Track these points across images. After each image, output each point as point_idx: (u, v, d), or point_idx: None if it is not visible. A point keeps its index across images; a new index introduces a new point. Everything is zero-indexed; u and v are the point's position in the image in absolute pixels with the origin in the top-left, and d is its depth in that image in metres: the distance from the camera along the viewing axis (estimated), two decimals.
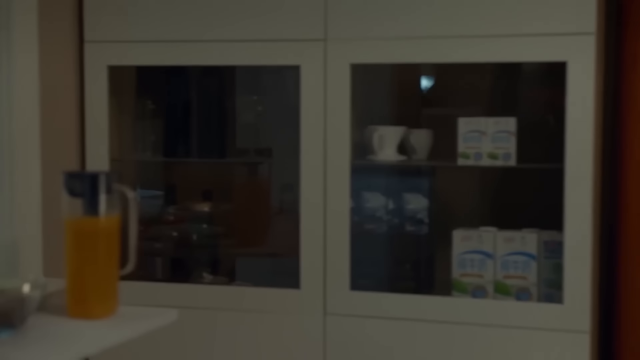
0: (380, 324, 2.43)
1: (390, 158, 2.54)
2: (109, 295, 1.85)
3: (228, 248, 2.80)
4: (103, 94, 2.54)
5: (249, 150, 2.75)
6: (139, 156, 2.73)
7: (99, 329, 1.73)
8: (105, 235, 1.84)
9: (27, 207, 2.17)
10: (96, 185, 1.83)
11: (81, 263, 1.83)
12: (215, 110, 2.73)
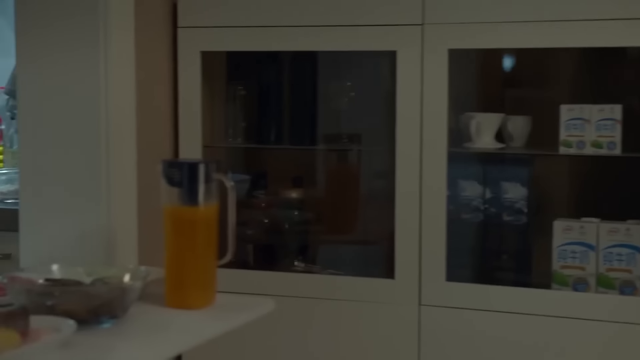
0: (477, 316, 2.38)
1: (488, 146, 2.48)
2: (207, 285, 1.84)
3: (318, 235, 2.78)
4: (196, 80, 2.53)
5: (339, 136, 2.72)
6: (230, 142, 2.72)
7: (200, 320, 1.71)
8: (204, 224, 1.82)
9: (123, 194, 2.17)
10: (195, 174, 1.82)
11: (180, 252, 1.82)
12: (306, 95, 2.71)
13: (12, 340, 1.39)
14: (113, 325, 1.64)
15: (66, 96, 2.08)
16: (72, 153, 2.09)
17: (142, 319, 1.70)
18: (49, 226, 2.13)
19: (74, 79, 2.08)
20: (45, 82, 2.09)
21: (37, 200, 2.13)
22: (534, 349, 2.33)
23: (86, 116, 2.08)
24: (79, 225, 2.10)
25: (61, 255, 2.11)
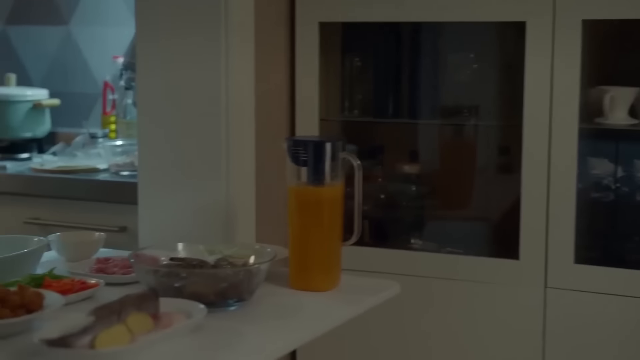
0: (606, 300, 2.28)
1: (621, 121, 2.36)
2: (332, 267, 1.80)
3: (435, 211, 2.71)
4: (314, 52, 2.48)
5: (459, 109, 2.63)
6: (345, 116, 2.67)
7: (328, 305, 1.68)
8: (330, 204, 1.78)
9: (242, 169, 2.15)
10: (321, 153, 1.77)
11: (305, 233, 1.78)
12: (424, 68, 2.63)
13: (146, 324, 1.38)
14: (239, 308, 1.62)
15: (186, 70, 2.06)
16: (192, 127, 2.07)
17: (267, 301, 1.67)
18: (167, 200, 2.12)
19: (194, 51, 2.05)
20: (165, 56, 2.07)
21: (155, 174, 2.12)
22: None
23: (206, 89, 2.05)
24: (198, 200, 2.09)
25: (179, 230, 2.10)
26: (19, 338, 1.42)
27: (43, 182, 2.71)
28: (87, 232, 2.10)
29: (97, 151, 2.92)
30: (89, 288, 1.67)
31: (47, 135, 3.21)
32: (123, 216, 2.60)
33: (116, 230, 2.58)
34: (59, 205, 2.69)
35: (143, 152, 2.13)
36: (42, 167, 2.77)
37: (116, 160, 2.73)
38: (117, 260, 1.90)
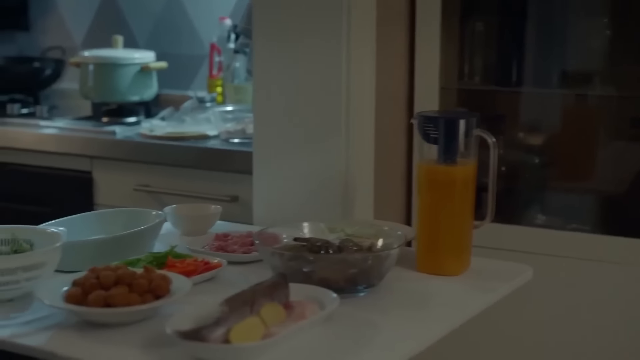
0: None
1: None
2: (463, 250, 1.72)
3: (560, 186, 2.59)
4: (435, 16, 2.37)
5: (587, 78, 2.50)
6: (465, 84, 2.56)
7: (462, 291, 1.60)
8: (462, 184, 1.70)
9: (361, 141, 2.08)
10: (454, 130, 1.69)
11: (435, 214, 1.71)
12: (551, 33, 2.49)
13: (279, 315, 1.33)
14: (368, 294, 1.56)
15: (305, 36, 1.99)
16: (310, 95, 2.01)
17: (397, 287, 1.61)
18: (282, 171, 2.07)
19: (314, 18, 1.98)
20: (283, 18, 2.01)
21: (271, 143, 2.07)
22: None
23: (326, 56, 1.98)
24: (315, 171, 2.03)
25: (294, 201, 2.05)
26: (146, 324, 1.39)
27: (152, 149, 2.69)
28: (203, 205, 2.07)
29: (205, 116, 2.88)
30: (212, 269, 1.63)
31: (154, 98, 3.19)
32: (234, 185, 2.56)
33: (227, 200, 2.55)
34: (168, 173, 2.67)
35: (259, 120, 2.08)
36: (151, 132, 2.74)
37: (226, 127, 2.68)
38: (236, 237, 1.86)
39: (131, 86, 3.03)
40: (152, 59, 3.10)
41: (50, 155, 2.87)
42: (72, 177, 2.83)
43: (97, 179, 2.79)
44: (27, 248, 1.61)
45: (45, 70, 3.33)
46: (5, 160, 2.96)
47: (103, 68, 3.02)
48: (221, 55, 3.14)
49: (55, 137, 2.86)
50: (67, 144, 2.83)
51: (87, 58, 3.06)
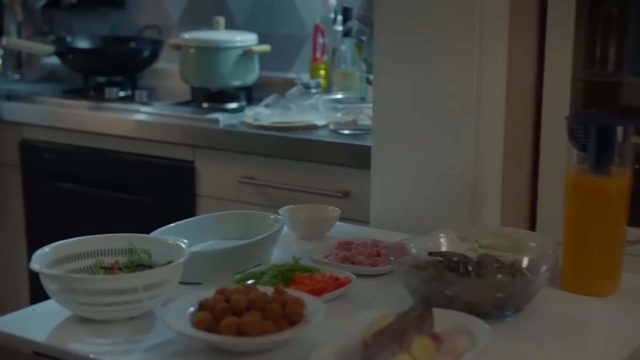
0: None
1: None
2: (616, 269, 1.59)
3: None
4: (569, 2, 2.22)
5: None
6: (596, 74, 2.40)
7: (620, 317, 1.47)
8: (616, 197, 1.56)
9: (491, 137, 1.95)
10: (609, 137, 1.55)
11: (584, 228, 1.58)
12: None
13: (429, 350, 1.22)
14: (515, 319, 1.44)
15: (434, 27, 1.87)
16: (438, 88, 1.89)
17: (544, 309, 1.48)
18: (403, 167, 1.96)
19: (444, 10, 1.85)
20: (410, 9, 1.89)
21: (392, 136, 1.96)
22: None
23: (457, 47, 1.86)
24: (440, 169, 1.92)
25: (415, 201, 1.94)
26: (279, 352, 1.30)
27: (258, 139, 2.60)
28: (320, 206, 1.97)
29: (310, 103, 2.78)
30: (342, 285, 1.54)
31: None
32: (345, 180, 2.46)
33: (338, 196, 2.44)
34: (275, 165, 2.57)
35: (379, 112, 1.97)
36: (256, 122, 2.65)
37: (336, 117, 2.57)
38: (359, 245, 1.75)
39: (233, 70, 2.93)
40: (254, 42, 3.01)
41: (151, 143, 2.80)
42: (174, 166, 2.76)
43: (199, 169, 2.72)
44: (145, 259, 1.55)
45: (142, 51, 3.26)
46: (104, 146, 2.91)
47: (204, 51, 2.94)
48: (325, 38, 3.03)
49: (156, 125, 2.79)
50: (169, 132, 2.76)
51: (188, 41, 2.98)
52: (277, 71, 3.25)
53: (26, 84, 3.39)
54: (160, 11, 3.57)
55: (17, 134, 3.10)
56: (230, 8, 3.38)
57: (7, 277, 3.25)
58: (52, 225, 3.08)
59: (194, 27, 3.44)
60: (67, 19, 3.78)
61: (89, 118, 2.93)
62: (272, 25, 3.30)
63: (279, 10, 3.29)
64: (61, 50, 3.13)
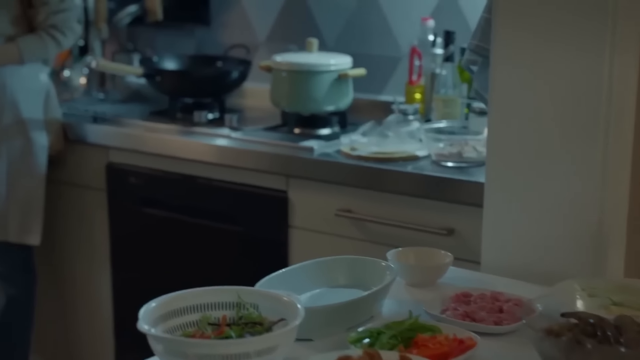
0: None
1: None
2: None
3: None
4: None
5: None
6: None
7: None
8: None
9: (618, 175, 1.82)
10: None
11: None
12: None
13: None
14: None
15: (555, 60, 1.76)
16: (560, 121, 1.78)
17: None
18: (519, 206, 1.85)
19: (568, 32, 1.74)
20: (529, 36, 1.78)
21: (507, 173, 1.85)
22: None
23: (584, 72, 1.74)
24: (559, 209, 1.80)
25: (532, 243, 1.83)
26: None
27: (356, 171, 2.51)
28: (431, 250, 1.87)
29: (409, 130, 2.69)
30: (467, 349, 1.43)
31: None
32: (449, 216, 2.36)
33: (442, 234, 2.34)
34: (373, 198, 2.48)
35: (494, 146, 1.86)
36: (354, 152, 2.56)
37: (439, 148, 2.47)
38: (478, 298, 1.65)
39: (327, 95, 2.85)
40: (349, 65, 2.92)
41: (243, 171, 2.73)
42: (266, 195, 2.69)
43: (293, 199, 2.64)
44: (254, 315, 1.47)
45: (231, 72, 3.19)
46: (193, 172, 2.85)
47: (297, 75, 2.86)
48: (422, 60, 2.93)
49: (247, 152, 2.72)
50: (261, 160, 2.69)
51: (280, 64, 2.90)
52: (369, 93, 3.17)
53: (111, 104, 3.36)
54: (247, 29, 3.51)
55: (104, 156, 3.06)
56: (319, 27, 3.30)
57: (90, 300, 3.21)
58: (137, 250, 3.04)
59: (282, 46, 3.38)
60: (152, 36, 3.75)
61: (177, 143, 2.87)
62: (364, 45, 3.22)
63: (372, 30, 3.20)
64: (150, 72, 3.08)
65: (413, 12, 3.08)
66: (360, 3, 3.21)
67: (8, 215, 3.03)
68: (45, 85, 3.09)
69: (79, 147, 3.12)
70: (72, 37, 3.07)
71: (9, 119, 3.00)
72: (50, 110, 3.10)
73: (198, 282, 1.42)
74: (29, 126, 3.03)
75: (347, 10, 3.24)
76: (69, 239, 3.23)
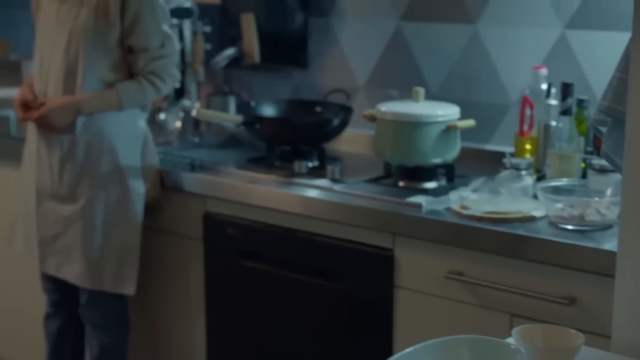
0: None
1: None
2: None
3: None
4: None
5: None
6: None
7: None
8: None
9: None
10: None
11: None
12: None
13: None
14: None
15: None
16: None
17: None
18: None
19: None
20: None
21: None
22: None
23: None
24: None
25: None
26: None
27: (467, 231, 2.40)
28: (559, 329, 1.74)
29: (521, 186, 2.57)
30: None
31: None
32: (571, 284, 2.23)
33: (564, 303, 2.21)
34: (487, 260, 2.37)
35: (630, 207, 1.73)
36: (465, 211, 2.45)
37: (558, 210, 2.34)
38: None
39: (434, 147, 2.75)
40: (457, 116, 2.81)
41: (346, 226, 2.64)
42: (371, 253, 2.59)
43: (399, 259, 2.54)
44: None
45: (332, 120, 3.11)
46: (293, 226, 2.77)
47: (404, 126, 2.76)
48: (533, 110, 2.81)
49: (351, 208, 2.63)
50: (366, 216, 2.59)
51: (385, 114, 2.81)
52: (475, 141, 3.06)
53: (207, 149, 3.32)
54: (346, 73, 3.44)
55: (201, 206, 3.01)
56: (422, 72, 3.21)
57: (183, 350, 3.15)
58: (233, 302, 2.97)
59: (383, 92, 3.30)
60: (248, 78, 3.71)
61: (277, 195, 2.80)
62: (469, 92, 3.11)
63: (478, 77, 3.10)
64: (249, 120, 3.02)
65: (523, 59, 2.97)
66: (466, 48, 3.11)
67: (103, 265, 2.99)
68: (143, 131, 3.06)
69: (176, 194, 3.07)
70: (171, 83, 3.03)
71: (107, 166, 2.97)
72: (148, 156, 3.06)
73: (295, 338, 1.35)
74: (127, 173, 2.99)
75: (452, 56, 3.14)
76: (163, 288, 3.18)
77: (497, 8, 3.03)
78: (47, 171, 3.01)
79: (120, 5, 2.91)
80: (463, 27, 3.11)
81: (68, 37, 2.93)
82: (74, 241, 3.00)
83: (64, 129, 2.96)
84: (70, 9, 2.94)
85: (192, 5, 3.54)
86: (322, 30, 3.49)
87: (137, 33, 2.94)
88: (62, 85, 2.95)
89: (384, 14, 3.29)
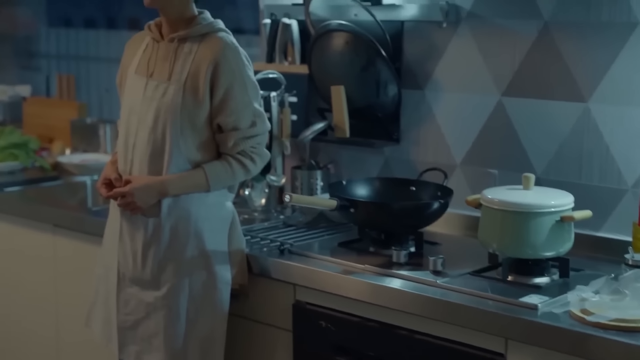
0: None
1: None
2: None
3: None
4: None
5: None
6: None
7: None
8: None
9: None
10: None
11: None
12: None
13: None
14: None
15: None
16: None
17: None
18: None
19: None
20: None
21: None
22: None
23: None
24: None
25: None
26: None
27: (592, 341, 2.20)
28: None
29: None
30: None
31: None
32: None
33: None
34: None
35: None
36: (589, 317, 2.25)
37: None
38: None
39: (547, 239, 2.56)
40: (571, 205, 2.63)
41: (452, 326, 2.46)
42: (481, 357, 2.41)
43: None
44: None
45: (432, 204, 2.93)
46: (392, 322, 2.60)
47: (514, 217, 2.58)
48: None
49: (458, 307, 2.45)
50: (475, 317, 2.41)
51: (493, 201, 2.63)
52: (586, 228, 2.86)
53: (294, 230, 3.17)
54: (442, 148, 3.28)
55: (290, 294, 2.86)
56: (526, 151, 3.04)
57: None
58: None
59: (481, 171, 3.14)
60: (336, 151, 3.58)
61: (374, 288, 2.63)
62: (580, 175, 2.93)
63: (589, 159, 2.91)
64: (344, 205, 2.86)
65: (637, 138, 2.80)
66: (576, 128, 2.93)
67: (187, 355, 2.85)
68: (230, 214, 2.93)
69: (263, 281, 2.92)
70: (261, 164, 2.90)
71: (193, 251, 2.84)
72: (235, 240, 2.92)
73: None
74: (213, 259, 2.86)
75: (560, 136, 2.97)
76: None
77: (610, 86, 2.86)
78: (129, 255, 2.89)
79: (210, 82, 2.80)
80: (572, 104, 2.94)
81: (155, 114, 2.82)
82: (156, 329, 2.87)
83: (147, 211, 2.84)
84: (159, 86, 2.83)
85: (279, 77, 3.42)
86: (416, 103, 3.34)
87: (227, 111, 2.82)
88: (148, 165, 2.84)
89: (484, 89, 3.14)
